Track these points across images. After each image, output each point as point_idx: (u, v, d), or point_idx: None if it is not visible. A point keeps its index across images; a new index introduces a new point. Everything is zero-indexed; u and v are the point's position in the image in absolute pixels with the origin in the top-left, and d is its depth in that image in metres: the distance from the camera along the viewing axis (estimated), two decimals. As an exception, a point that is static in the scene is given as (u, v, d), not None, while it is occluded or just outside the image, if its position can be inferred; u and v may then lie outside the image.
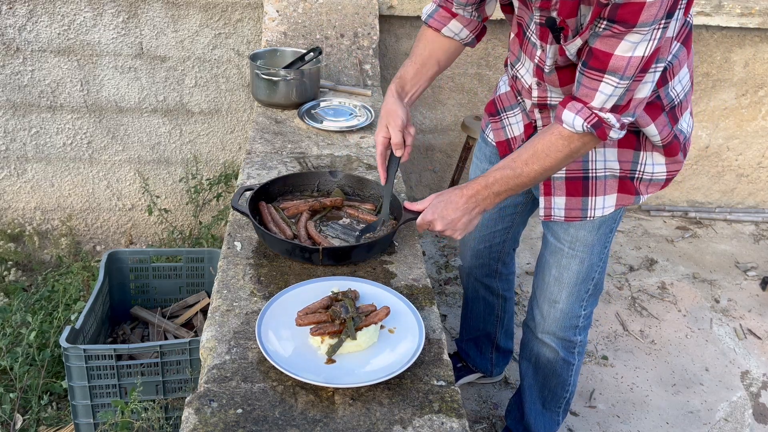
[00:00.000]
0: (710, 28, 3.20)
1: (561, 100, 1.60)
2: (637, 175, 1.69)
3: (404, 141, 1.64)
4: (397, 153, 1.64)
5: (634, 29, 1.29)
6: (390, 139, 1.64)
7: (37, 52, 2.87)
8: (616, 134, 1.45)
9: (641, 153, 1.67)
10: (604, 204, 1.73)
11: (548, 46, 1.50)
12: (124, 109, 3.04)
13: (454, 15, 1.69)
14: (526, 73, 1.67)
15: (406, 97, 1.71)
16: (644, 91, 1.42)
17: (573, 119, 1.43)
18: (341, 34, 2.75)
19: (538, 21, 1.46)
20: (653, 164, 1.68)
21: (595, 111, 1.41)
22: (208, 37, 2.93)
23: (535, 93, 1.66)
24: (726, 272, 3.33)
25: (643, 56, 1.33)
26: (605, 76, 1.37)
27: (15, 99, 2.94)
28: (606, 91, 1.38)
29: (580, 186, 1.72)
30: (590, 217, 1.74)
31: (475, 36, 1.75)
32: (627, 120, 1.44)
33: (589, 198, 1.73)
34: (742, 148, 3.61)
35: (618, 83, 1.37)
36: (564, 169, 1.71)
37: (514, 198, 1.98)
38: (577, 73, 1.44)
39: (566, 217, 1.76)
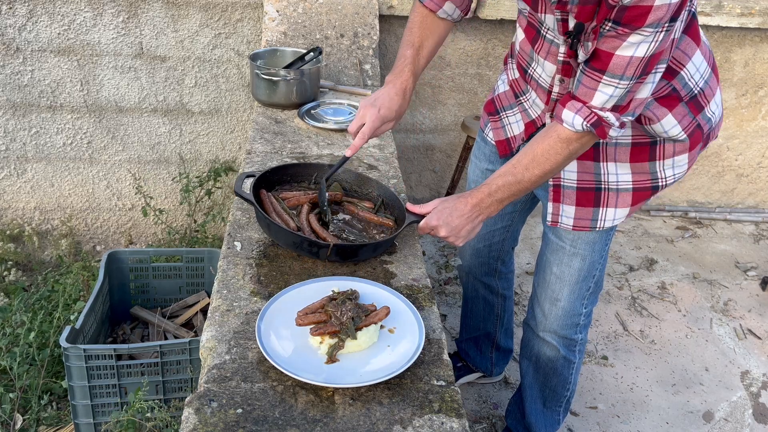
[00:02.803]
0: (710, 28, 3.20)
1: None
2: (660, 184, 1.70)
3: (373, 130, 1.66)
4: (349, 152, 1.67)
5: (638, 30, 1.29)
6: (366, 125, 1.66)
7: (37, 52, 2.87)
8: (615, 132, 1.45)
9: (657, 162, 1.66)
10: (615, 216, 1.73)
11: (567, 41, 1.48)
12: (124, 109, 3.04)
13: None
14: (543, 72, 1.64)
15: (411, 90, 1.73)
16: (644, 92, 1.42)
17: (573, 118, 1.43)
18: (341, 34, 2.75)
19: (559, 18, 1.45)
20: (674, 167, 1.68)
21: (595, 110, 1.41)
22: (208, 37, 2.93)
23: (556, 89, 1.63)
24: (726, 272, 3.33)
25: (643, 57, 1.32)
26: (604, 76, 1.37)
27: (15, 99, 2.94)
28: (606, 91, 1.38)
29: (591, 197, 1.72)
30: (600, 227, 1.74)
31: (464, 12, 1.75)
32: (627, 119, 1.45)
33: (600, 209, 1.72)
34: (742, 148, 3.61)
35: (618, 83, 1.37)
36: (575, 179, 1.71)
37: None
38: (578, 72, 1.44)
39: (575, 227, 1.76)
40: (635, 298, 3.10)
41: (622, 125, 1.44)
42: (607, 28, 1.32)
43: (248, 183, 1.69)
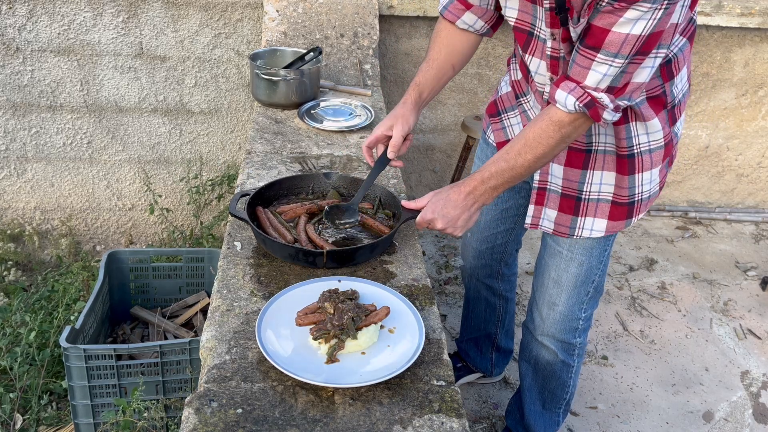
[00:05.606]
0: (710, 28, 3.20)
1: None
2: (636, 198, 1.68)
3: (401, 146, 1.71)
4: (391, 154, 1.70)
5: (634, 5, 1.25)
6: (387, 137, 1.72)
7: (37, 52, 2.87)
8: (610, 116, 1.42)
9: (636, 176, 1.65)
10: (592, 226, 1.72)
11: (559, 31, 1.46)
12: (124, 109, 3.04)
13: (468, 6, 1.67)
14: (541, 78, 1.62)
15: (423, 103, 1.76)
16: (642, 75, 1.39)
17: (565, 98, 1.40)
18: (341, 34, 2.75)
19: (548, 7, 1.43)
20: (651, 181, 1.67)
21: (589, 90, 1.38)
22: (208, 37, 2.93)
23: (547, 89, 1.61)
24: (726, 272, 3.33)
25: (640, 35, 1.29)
26: (599, 54, 1.33)
27: (15, 99, 2.94)
28: (600, 70, 1.35)
29: (573, 204, 1.72)
30: (577, 235, 1.74)
31: (491, 26, 1.72)
32: (622, 103, 1.42)
33: (579, 218, 1.72)
34: (742, 148, 3.61)
35: (612, 62, 1.33)
36: (561, 184, 1.71)
37: (517, 199, 1.98)
38: (573, 52, 1.41)
39: (554, 231, 1.76)
40: (635, 298, 3.10)
41: (616, 108, 1.41)
42: (604, 3, 1.29)
43: (244, 201, 1.68)
